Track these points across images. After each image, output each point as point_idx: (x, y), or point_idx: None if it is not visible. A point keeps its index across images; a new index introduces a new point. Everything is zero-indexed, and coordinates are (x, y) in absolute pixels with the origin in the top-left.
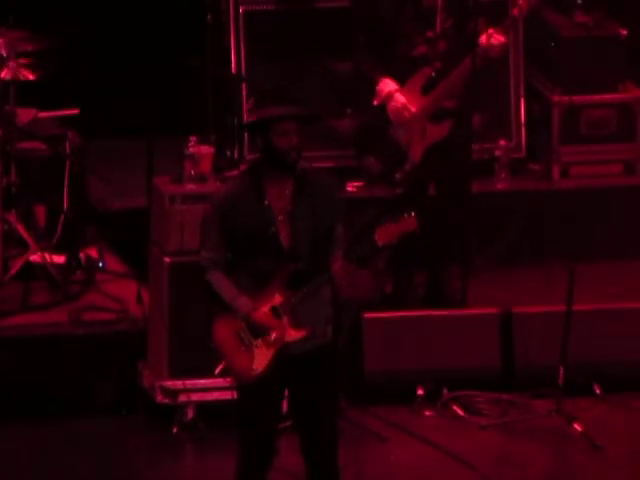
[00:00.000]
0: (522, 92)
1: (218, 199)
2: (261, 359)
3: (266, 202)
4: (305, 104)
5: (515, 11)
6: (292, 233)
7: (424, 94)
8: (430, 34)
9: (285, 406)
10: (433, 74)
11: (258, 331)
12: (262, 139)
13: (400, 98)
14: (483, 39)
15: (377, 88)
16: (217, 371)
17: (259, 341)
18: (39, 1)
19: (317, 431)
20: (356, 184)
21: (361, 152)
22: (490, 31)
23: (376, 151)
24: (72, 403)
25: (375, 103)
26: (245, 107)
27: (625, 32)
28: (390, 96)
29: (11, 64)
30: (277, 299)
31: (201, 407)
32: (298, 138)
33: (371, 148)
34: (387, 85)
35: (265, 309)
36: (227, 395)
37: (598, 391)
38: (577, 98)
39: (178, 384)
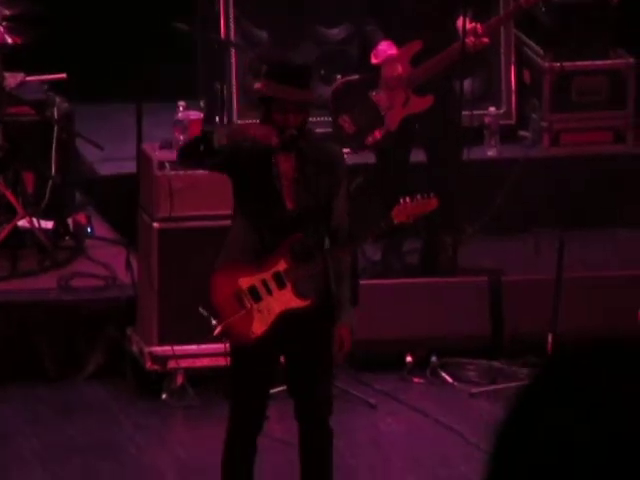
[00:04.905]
0: (513, 59)
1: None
2: (261, 323)
3: (272, 160)
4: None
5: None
6: (295, 198)
7: (412, 65)
8: (426, 8)
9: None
10: (423, 47)
11: (261, 293)
12: (264, 108)
13: (399, 66)
14: (470, 40)
15: (379, 48)
16: (216, 333)
17: (260, 304)
18: None
19: (311, 394)
20: (345, 151)
21: (338, 111)
22: (478, 29)
23: (353, 112)
24: (60, 369)
25: (374, 62)
26: (243, 70)
27: None
28: (391, 60)
29: None
30: (282, 265)
31: (191, 374)
32: (300, 118)
33: (348, 108)
34: (390, 48)
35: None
36: (217, 361)
37: None
38: (568, 65)
39: (167, 350)
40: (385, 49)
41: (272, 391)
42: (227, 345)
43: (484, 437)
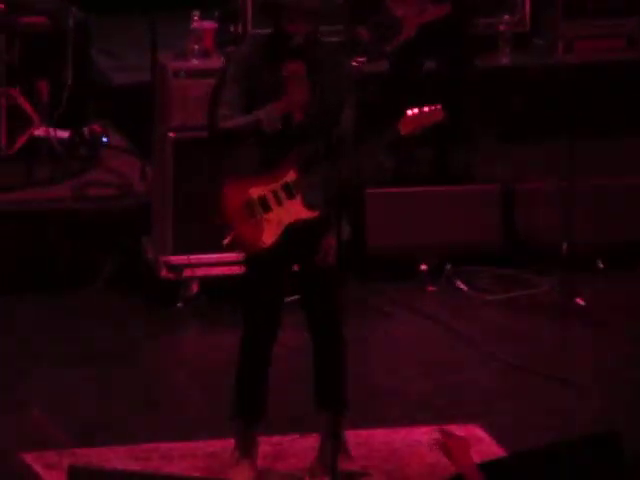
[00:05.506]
0: None
1: (240, 57)
2: (270, 233)
3: (280, 72)
4: None
5: None
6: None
7: None
8: None
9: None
10: None
11: (269, 203)
12: (273, 17)
13: None
14: None
15: None
16: (225, 242)
17: (270, 215)
18: None
19: (323, 305)
20: (358, 60)
21: (353, 22)
22: None
23: (369, 22)
24: (76, 278)
25: None
26: None
27: None
28: None
29: None
30: (290, 176)
31: (205, 282)
32: (310, 25)
33: (364, 16)
34: None
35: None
36: (231, 270)
37: (601, 266)
38: None
39: (182, 259)
40: None
41: (287, 300)
42: (238, 255)
43: (497, 344)
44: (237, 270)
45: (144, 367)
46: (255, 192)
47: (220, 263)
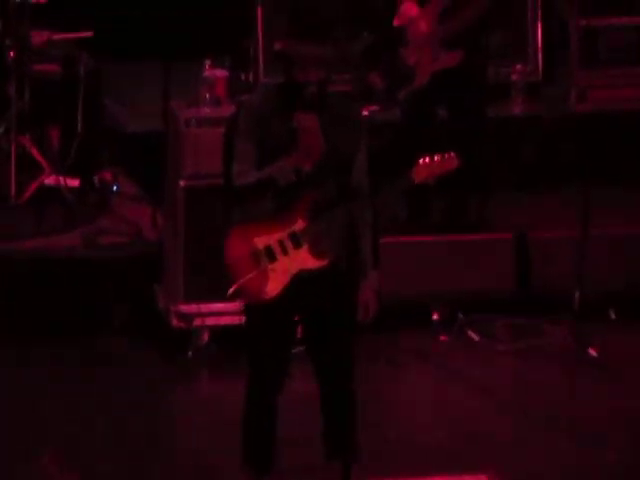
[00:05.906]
0: (540, 15)
1: (251, 106)
2: (275, 283)
3: (292, 123)
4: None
5: None
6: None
7: (439, 21)
8: None
9: (298, 331)
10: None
11: (275, 252)
12: (284, 66)
13: (423, 26)
14: None
15: (401, 9)
16: (229, 292)
17: (275, 265)
18: None
19: (330, 355)
20: (371, 108)
21: (367, 69)
22: None
23: (382, 69)
24: (87, 327)
25: (396, 24)
26: (262, 30)
27: None
28: (412, 20)
29: None
30: (298, 225)
31: (216, 331)
32: (321, 74)
33: (378, 66)
34: (411, 9)
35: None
36: (241, 319)
37: (613, 316)
38: (595, 21)
39: (193, 308)
40: (406, 11)
41: (294, 351)
42: (242, 304)
43: (510, 394)
44: None
45: (156, 418)
46: (261, 242)
47: (231, 312)
